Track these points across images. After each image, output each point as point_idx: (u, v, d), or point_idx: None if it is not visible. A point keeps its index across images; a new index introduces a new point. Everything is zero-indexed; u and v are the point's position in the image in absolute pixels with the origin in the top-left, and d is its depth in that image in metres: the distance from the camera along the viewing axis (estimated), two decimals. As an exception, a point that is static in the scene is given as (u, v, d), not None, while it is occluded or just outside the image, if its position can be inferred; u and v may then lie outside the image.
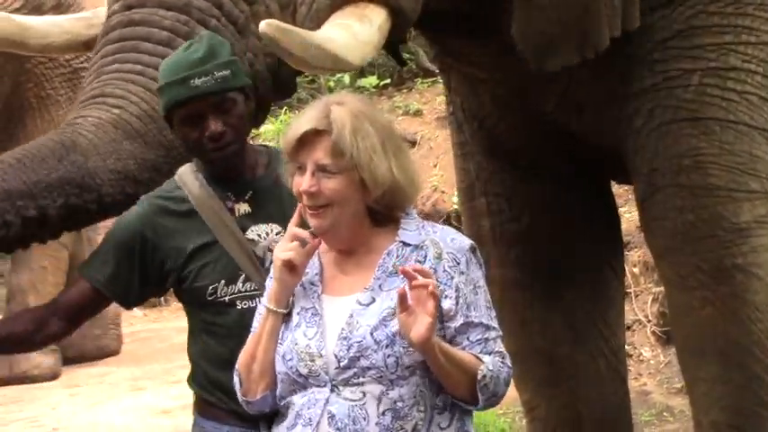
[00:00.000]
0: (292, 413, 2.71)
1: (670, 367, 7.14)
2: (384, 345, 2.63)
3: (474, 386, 2.61)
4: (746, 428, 3.86)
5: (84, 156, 3.08)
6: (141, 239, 2.97)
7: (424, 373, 2.63)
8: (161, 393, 8.10)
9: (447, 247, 2.69)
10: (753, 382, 3.81)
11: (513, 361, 4.45)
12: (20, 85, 8.47)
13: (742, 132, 3.78)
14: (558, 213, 4.32)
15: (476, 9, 3.71)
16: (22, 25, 3.54)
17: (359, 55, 3.14)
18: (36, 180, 3.05)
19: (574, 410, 4.41)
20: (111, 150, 3.10)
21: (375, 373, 2.63)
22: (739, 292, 3.79)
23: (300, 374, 2.68)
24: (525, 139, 4.23)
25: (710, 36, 3.76)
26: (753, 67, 3.78)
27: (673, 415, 6.59)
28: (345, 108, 2.65)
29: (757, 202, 3.78)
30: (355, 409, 2.64)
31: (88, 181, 3.06)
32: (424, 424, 2.66)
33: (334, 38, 3.07)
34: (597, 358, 4.43)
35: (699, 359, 3.94)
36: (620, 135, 3.94)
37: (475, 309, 2.68)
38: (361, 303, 2.67)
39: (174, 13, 3.14)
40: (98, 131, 3.14)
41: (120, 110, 3.14)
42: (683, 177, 3.81)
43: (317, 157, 2.63)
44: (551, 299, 4.36)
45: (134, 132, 3.14)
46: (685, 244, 3.86)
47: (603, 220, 4.52)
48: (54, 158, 3.09)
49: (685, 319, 3.99)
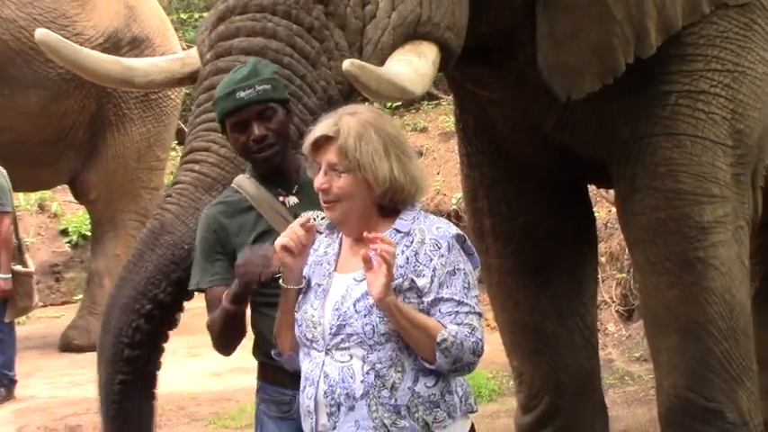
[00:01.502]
0: (302, 377, 2.73)
1: (630, 340, 7.27)
2: (363, 314, 2.62)
3: (431, 355, 2.57)
4: (699, 390, 3.91)
5: (170, 232, 3.15)
6: (216, 237, 3.02)
7: (398, 340, 2.61)
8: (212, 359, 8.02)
9: (431, 234, 2.66)
10: (706, 353, 3.87)
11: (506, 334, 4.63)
12: (102, 105, 8.43)
13: (707, 146, 3.83)
14: (546, 214, 4.41)
15: (496, 44, 3.77)
16: (129, 67, 3.54)
17: (420, 86, 3.18)
18: (141, 280, 3.18)
19: (554, 375, 4.47)
20: (193, 211, 3.13)
21: (357, 339, 2.62)
22: (699, 280, 3.85)
23: (307, 338, 2.70)
24: (527, 152, 4.29)
25: (684, 63, 3.82)
26: (718, 91, 3.83)
27: (632, 379, 6.66)
28: (355, 117, 2.69)
29: (717, 204, 3.84)
30: (344, 370, 2.62)
31: (180, 252, 3.13)
32: (403, 382, 2.60)
33: (401, 72, 3.11)
34: (574, 332, 4.49)
35: (663, 333, 4.02)
36: (607, 146, 4.00)
37: (448, 287, 2.62)
38: (355, 280, 2.67)
39: (252, 59, 3.06)
40: (181, 199, 3.19)
41: (201, 164, 3.17)
42: (657, 182, 3.87)
43: (328, 159, 2.66)
44: (539, 284, 4.44)
45: (212, 182, 3.14)
46: (657, 237, 3.91)
47: (582, 219, 4.61)
48: (149, 250, 3.18)
49: (653, 299, 4.05)
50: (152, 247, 3.19)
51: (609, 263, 7.58)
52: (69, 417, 6.71)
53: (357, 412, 2.61)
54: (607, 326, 7.30)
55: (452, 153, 9.31)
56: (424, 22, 3.24)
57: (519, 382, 4.64)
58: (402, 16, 3.21)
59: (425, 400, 2.63)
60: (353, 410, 2.61)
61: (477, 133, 4.38)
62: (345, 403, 2.61)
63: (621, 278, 7.60)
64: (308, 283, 2.76)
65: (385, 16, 3.20)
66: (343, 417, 2.62)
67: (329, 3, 3.16)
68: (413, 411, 2.62)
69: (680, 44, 3.76)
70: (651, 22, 3.65)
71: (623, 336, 7.34)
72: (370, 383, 2.60)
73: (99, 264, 8.86)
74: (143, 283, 3.21)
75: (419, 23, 3.23)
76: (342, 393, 2.61)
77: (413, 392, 2.62)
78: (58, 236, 11.04)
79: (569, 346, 4.48)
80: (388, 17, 3.20)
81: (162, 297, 3.23)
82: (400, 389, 2.61)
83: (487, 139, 4.35)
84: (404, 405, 2.61)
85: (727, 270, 3.88)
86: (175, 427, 6.44)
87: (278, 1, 3.14)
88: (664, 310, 3.98)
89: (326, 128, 2.67)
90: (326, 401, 2.63)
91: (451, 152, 9.56)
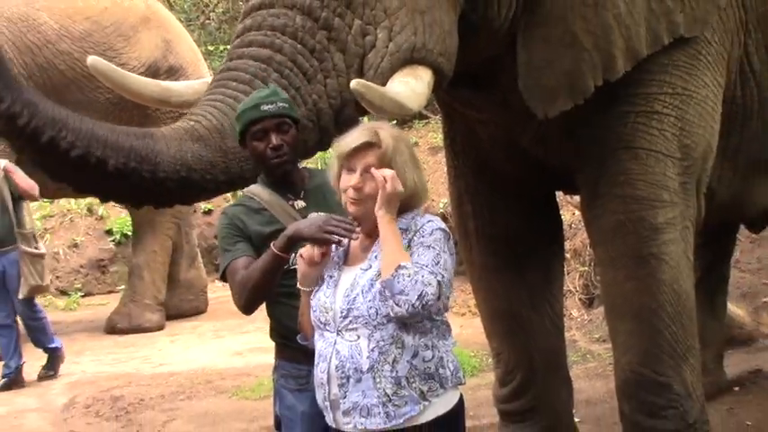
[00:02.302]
0: (317, 355, 2.75)
1: (591, 324, 7.24)
2: (368, 298, 2.65)
3: (389, 272, 2.58)
4: (651, 366, 3.91)
5: (153, 141, 3.03)
6: (235, 226, 3.06)
7: (397, 322, 2.62)
8: (235, 340, 8.07)
9: (421, 227, 2.71)
10: (657, 334, 3.88)
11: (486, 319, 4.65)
12: (142, 125, 8.44)
13: (659, 159, 3.82)
14: (521, 218, 4.38)
15: (482, 70, 3.75)
16: (166, 88, 3.59)
17: (417, 103, 3.20)
18: (114, 140, 2.97)
19: (527, 353, 4.47)
20: (176, 144, 3.03)
21: (363, 320, 2.64)
22: (652, 273, 3.85)
23: (321, 321, 2.73)
24: (507, 164, 4.27)
25: (642, 87, 3.80)
26: (669, 111, 3.82)
27: (593, 357, 6.64)
28: (386, 131, 2.74)
29: (668, 209, 3.84)
30: (353, 347, 2.65)
31: (150, 156, 2.98)
32: (403, 357, 2.62)
33: (400, 92, 3.14)
34: (544, 317, 4.48)
35: (620, 317, 4.03)
36: (575, 158, 3.99)
37: (419, 256, 2.63)
38: (362, 269, 2.71)
39: (258, 63, 3.14)
40: (171, 131, 3.14)
41: (195, 122, 3.12)
42: (617, 189, 3.86)
43: (367, 163, 2.69)
44: (515, 277, 4.42)
45: (198, 136, 3.07)
46: (616, 236, 3.91)
47: (551, 221, 4.58)
48: (134, 136, 3.04)
49: (612, 289, 4.06)
50: (137, 137, 3.05)
51: (573, 258, 7.55)
52: (113, 389, 6.76)
53: (364, 383, 2.64)
54: (572, 312, 7.27)
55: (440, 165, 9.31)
56: (419, 48, 3.25)
57: (497, 360, 4.62)
58: (398, 45, 3.23)
59: (422, 372, 2.66)
60: (360, 382, 2.65)
61: (464, 148, 4.36)
62: (354, 376, 2.65)
63: (584, 271, 7.59)
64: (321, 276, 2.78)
65: (383, 45, 3.22)
66: (351, 387, 2.66)
67: (332, 29, 3.18)
68: (411, 382, 2.64)
69: (639, 70, 3.72)
70: (618, 51, 3.64)
71: (585, 320, 7.32)
72: (374, 359, 2.62)
73: (139, 259, 8.88)
74: (113, 145, 2.97)
75: (414, 50, 3.24)
76: (351, 367, 2.65)
77: (411, 366, 2.64)
78: (103, 235, 11.05)
79: (540, 329, 4.46)
80: (386, 46, 3.22)
81: (110, 162, 2.96)
82: (400, 363, 2.64)
83: (473, 153, 4.34)
84: (403, 377, 2.64)
85: (675, 264, 3.88)
86: (204, 398, 6.46)
87: (288, 23, 3.16)
88: (621, 298, 3.98)
89: (367, 136, 2.70)
90: (338, 374, 2.67)
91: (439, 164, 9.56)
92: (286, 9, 3.19)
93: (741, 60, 4.16)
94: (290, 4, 3.19)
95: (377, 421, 2.63)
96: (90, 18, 8.26)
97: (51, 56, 8.02)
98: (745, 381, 5.80)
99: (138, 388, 6.77)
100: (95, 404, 6.41)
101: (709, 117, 3.95)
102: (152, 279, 8.78)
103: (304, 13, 3.18)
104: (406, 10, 3.25)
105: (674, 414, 3.93)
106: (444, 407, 2.69)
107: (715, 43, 3.93)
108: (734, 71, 4.13)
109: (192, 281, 9.22)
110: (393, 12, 3.24)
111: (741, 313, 6.57)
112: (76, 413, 6.29)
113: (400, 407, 2.63)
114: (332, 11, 3.19)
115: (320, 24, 3.18)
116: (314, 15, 3.18)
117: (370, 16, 3.23)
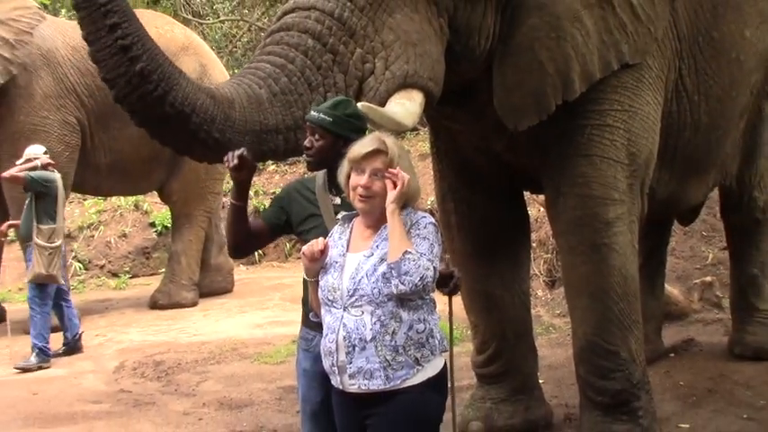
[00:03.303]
0: (325, 327, 2.73)
1: (553, 301, 7.22)
2: (372, 280, 2.63)
3: (397, 257, 2.57)
4: (602, 336, 3.93)
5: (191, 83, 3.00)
6: (282, 197, 3.09)
7: (396, 300, 2.61)
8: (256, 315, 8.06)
9: (417, 221, 2.68)
10: (607, 310, 3.90)
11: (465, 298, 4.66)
12: None
13: (611, 164, 3.83)
14: (495, 213, 4.35)
15: (463, 90, 3.72)
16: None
17: (411, 121, 3.22)
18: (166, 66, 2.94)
19: (500, 326, 4.47)
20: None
21: (367, 299, 2.62)
22: (604, 259, 3.86)
23: (329, 299, 2.70)
24: (484, 168, 4.26)
25: (597, 104, 3.81)
26: (619, 125, 3.84)
27: (555, 329, 6.64)
28: (391, 140, 2.72)
29: (617, 206, 3.85)
30: (358, 321, 2.63)
31: (184, 96, 2.94)
32: (400, 329, 2.61)
33: (397, 112, 3.17)
34: (515, 296, 4.47)
35: (577, 296, 4.03)
36: (541, 162, 3.99)
37: (417, 246, 2.61)
38: (365, 256, 2.68)
39: (273, 68, 3.13)
40: (216, 89, 3.12)
41: (232, 89, 3.09)
42: (576, 189, 3.87)
43: (375, 166, 2.67)
44: (491, 262, 4.41)
45: (229, 102, 3.04)
46: (575, 228, 3.92)
47: (520, 215, 4.57)
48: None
49: (571, 273, 4.06)
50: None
51: (538, 247, 7.52)
52: (156, 355, 6.74)
53: (367, 351, 2.62)
54: (537, 291, 7.23)
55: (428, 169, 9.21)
56: (411, 75, 3.24)
57: (474, 331, 4.62)
58: (393, 72, 3.22)
59: (416, 341, 2.64)
60: (365, 350, 2.62)
61: (448, 154, 4.35)
62: (358, 345, 2.63)
63: (547, 258, 7.57)
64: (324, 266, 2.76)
65: (381, 73, 3.21)
66: (356, 354, 2.63)
67: (337, 54, 3.18)
68: (407, 350, 2.63)
69: (594, 90, 3.73)
70: (575, 75, 3.64)
71: (548, 298, 7.31)
72: (376, 331, 2.61)
73: (177, 246, 8.84)
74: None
75: (407, 76, 3.23)
76: (356, 338, 2.63)
77: (407, 336, 2.63)
78: (147, 227, 11.01)
79: (511, 306, 4.45)
80: (383, 73, 3.21)
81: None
82: (398, 334, 2.62)
83: (455, 159, 4.32)
84: (401, 345, 2.63)
85: (623, 252, 3.88)
86: (230, 362, 6.44)
87: (300, 43, 3.17)
88: (579, 280, 3.99)
89: (376, 144, 2.68)
90: (345, 344, 2.63)
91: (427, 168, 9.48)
92: (300, 32, 3.20)
93: (676, 82, 4.21)
94: (303, 29, 3.20)
95: (378, 383, 2.63)
96: (139, 47, 8.23)
97: None
98: (679, 348, 5.82)
99: (175, 354, 6.76)
100: (141, 367, 6.40)
101: (651, 129, 3.97)
102: (188, 263, 8.74)
103: (315, 37, 3.18)
104: (400, 42, 3.25)
105: (620, 376, 3.94)
106: (433, 370, 2.68)
107: (655, 68, 3.95)
108: (670, 91, 4.16)
109: (221, 265, 9.15)
110: (389, 44, 3.24)
111: (676, 293, 6.57)
112: (125, 374, 6.29)
113: (398, 370, 2.63)
114: (338, 39, 3.19)
115: (327, 48, 3.18)
116: (323, 40, 3.18)
117: (370, 47, 3.23)
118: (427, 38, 3.32)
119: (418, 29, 3.29)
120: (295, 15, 3.24)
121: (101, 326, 7.91)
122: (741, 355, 5.45)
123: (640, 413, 3.97)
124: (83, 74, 7.86)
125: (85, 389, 6.01)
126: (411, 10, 3.28)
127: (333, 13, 3.20)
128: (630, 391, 3.95)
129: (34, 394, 5.89)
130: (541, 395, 4.62)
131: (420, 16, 3.30)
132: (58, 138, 7.77)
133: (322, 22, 3.19)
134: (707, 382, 5.09)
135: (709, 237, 7.30)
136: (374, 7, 3.24)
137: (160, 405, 5.49)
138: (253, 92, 3.11)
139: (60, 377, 6.33)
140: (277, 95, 3.11)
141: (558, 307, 7.03)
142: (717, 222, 6.33)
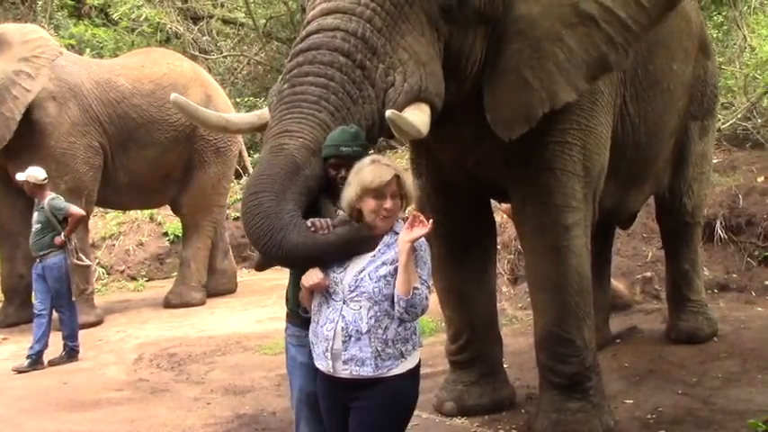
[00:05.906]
0: (324, 317, 2.68)
1: (516, 296, 7.19)
2: (373, 280, 2.63)
3: (408, 291, 2.58)
4: (560, 326, 3.92)
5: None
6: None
7: (390, 300, 2.62)
8: (257, 312, 7.98)
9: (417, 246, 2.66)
10: (565, 303, 3.89)
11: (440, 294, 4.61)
12: (191, 155, 8.45)
13: (569, 176, 3.82)
14: (467, 220, 4.34)
15: (444, 111, 3.58)
16: (226, 119, 3.43)
17: (426, 130, 3.09)
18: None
19: (470, 319, 4.45)
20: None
21: (366, 295, 2.62)
22: (563, 259, 3.84)
23: (329, 292, 2.67)
24: (458, 181, 4.21)
25: (558, 124, 3.78)
26: (576, 142, 3.83)
27: (518, 321, 6.62)
28: (396, 166, 2.73)
29: (575, 212, 3.84)
30: (356, 314, 2.62)
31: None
32: (391, 325, 2.62)
33: (416, 121, 3.04)
34: (483, 293, 4.43)
35: (539, 291, 4.01)
36: (508, 175, 3.95)
37: (421, 271, 2.64)
38: (371, 258, 2.68)
39: (319, 89, 2.96)
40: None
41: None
42: (540, 198, 3.85)
43: (393, 190, 2.67)
44: (462, 262, 4.36)
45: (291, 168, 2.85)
46: (538, 232, 3.89)
47: (487, 221, 4.52)
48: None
49: (534, 270, 4.04)
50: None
51: (503, 249, 7.47)
52: (169, 348, 6.67)
53: (361, 341, 2.62)
54: (502, 288, 7.18)
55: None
56: (424, 89, 3.14)
57: (448, 324, 4.59)
58: (411, 85, 3.10)
59: (402, 337, 2.66)
60: (359, 341, 2.62)
61: (427, 169, 4.31)
62: (354, 336, 2.62)
63: (510, 258, 7.52)
64: None
65: (400, 85, 3.09)
66: (351, 343, 2.63)
67: (365, 69, 3.04)
68: (395, 343, 2.64)
69: (555, 112, 3.60)
70: (558, 87, 3.55)
71: (512, 294, 7.27)
72: (371, 324, 2.61)
73: (187, 253, 8.72)
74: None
75: (421, 90, 3.13)
76: (353, 329, 2.62)
77: (396, 332, 2.64)
78: (161, 236, 10.87)
79: (479, 301, 4.43)
80: (402, 86, 3.09)
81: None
82: (390, 329, 2.63)
83: (434, 173, 4.28)
84: (390, 339, 2.64)
85: (579, 253, 3.86)
86: (234, 354, 6.39)
87: (334, 60, 3.01)
88: (540, 277, 3.96)
89: (392, 172, 2.66)
90: (342, 333, 2.62)
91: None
92: (330, 51, 3.04)
93: (621, 107, 4.21)
94: (333, 47, 3.05)
95: (368, 370, 2.62)
96: (154, 80, 8.21)
97: (127, 108, 7.97)
98: (624, 335, 5.83)
99: (186, 347, 6.69)
100: (156, 359, 6.34)
101: (603, 146, 3.97)
102: (197, 268, 8.63)
103: (345, 54, 3.04)
104: (413, 61, 3.14)
105: (576, 360, 3.94)
106: (413, 363, 2.70)
107: (606, 93, 3.96)
108: (617, 114, 4.16)
109: (226, 269, 9.07)
110: (405, 62, 3.13)
111: (621, 287, 6.58)
112: (143, 365, 6.22)
113: (386, 360, 2.62)
114: (364, 55, 3.06)
115: (357, 63, 3.04)
116: (352, 57, 3.04)
117: (390, 63, 3.11)
118: (432, 59, 3.24)
119: (426, 50, 3.21)
120: (321, 36, 3.08)
121: (121, 323, 7.81)
122: (676, 340, 5.52)
123: (592, 392, 3.97)
124: (104, 105, 7.90)
125: (109, 378, 5.95)
126: (419, 34, 3.21)
127: (356, 32, 3.08)
128: (584, 374, 3.94)
129: (64, 383, 5.84)
130: (506, 378, 4.61)
131: (426, 40, 3.22)
132: (84, 160, 7.73)
133: (348, 41, 3.06)
134: (648, 364, 5.13)
135: (648, 238, 7.32)
136: (390, 29, 3.15)
137: (173, 392, 5.45)
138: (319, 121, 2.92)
139: (87, 368, 6.26)
140: (334, 114, 2.95)
141: (520, 301, 7.01)
142: (655, 225, 6.34)
